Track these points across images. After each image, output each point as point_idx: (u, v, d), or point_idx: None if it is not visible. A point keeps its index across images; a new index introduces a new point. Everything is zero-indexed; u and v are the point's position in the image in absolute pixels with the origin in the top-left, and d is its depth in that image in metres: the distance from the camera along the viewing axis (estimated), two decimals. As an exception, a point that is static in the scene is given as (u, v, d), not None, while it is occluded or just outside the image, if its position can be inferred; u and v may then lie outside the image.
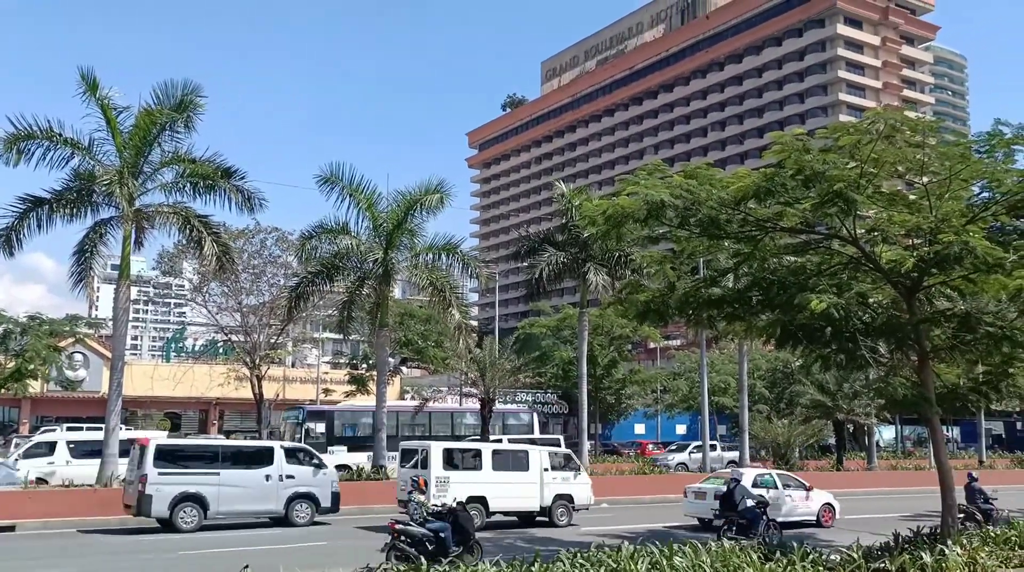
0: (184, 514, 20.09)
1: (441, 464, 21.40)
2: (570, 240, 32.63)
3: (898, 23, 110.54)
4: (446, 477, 21.18)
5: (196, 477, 20.52)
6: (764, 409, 47.46)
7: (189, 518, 20.14)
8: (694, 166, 15.58)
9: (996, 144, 14.48)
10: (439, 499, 19.04)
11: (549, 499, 22.69)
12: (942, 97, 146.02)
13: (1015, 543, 14.04)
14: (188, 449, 22.86)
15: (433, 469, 21.12)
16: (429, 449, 21.65)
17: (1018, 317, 14.94)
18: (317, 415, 34.20)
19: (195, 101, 24.63)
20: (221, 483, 20.68)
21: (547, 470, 23.11)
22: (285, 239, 42.32)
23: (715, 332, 19.60)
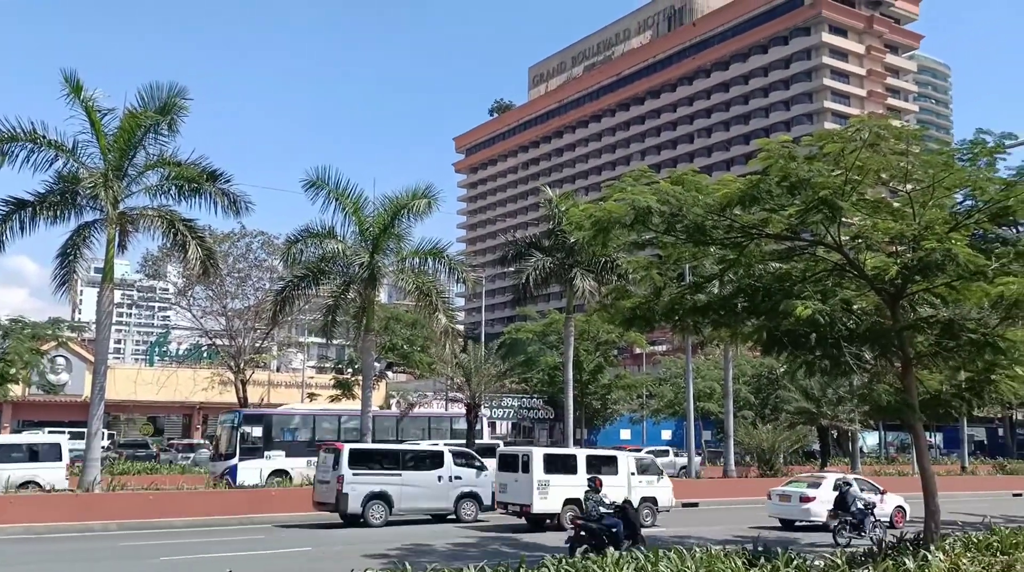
0: (374, 511, 22.95)
1: (542, 469, 22.79)
2: (557, 245, 32.65)
3: (882, 32, 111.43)
4: (547, 480, 22.73)
5: (382, 478, 23.36)
6: (749, 415, 47.60)
7: (378, 514, 22.99)
8: (680, 172, 15.62)
9: (979, 153, 14.59)
10: (541, 501, 22.28)
11: (636, 501, 23.21)
12: (926, 106, 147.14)
13: (997, 549, 14.12)
14: (375, 453, 25.13)
15: (535, 473, 22.61)
16: (531, 455, 23.18)
17: (1000, 324, 15.04)
18: (254, 419, 33.14)
19: (180, 103, 24.50)
20: (403, 483, 23.57)
21: (633, 474, 24.59)
22: (271, 243, 42.24)
23: (701, 338, 19.66)
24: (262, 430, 32.82)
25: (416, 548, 18.12)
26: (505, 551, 17.74)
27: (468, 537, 20.83)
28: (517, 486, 23.09)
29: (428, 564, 13.35)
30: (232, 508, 24.01)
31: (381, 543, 18.60)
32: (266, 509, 24.35)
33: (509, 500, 23.39)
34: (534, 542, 19.93)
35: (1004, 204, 14.46)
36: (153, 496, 24.07)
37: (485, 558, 14.00)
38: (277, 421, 34.39)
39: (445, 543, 19.00)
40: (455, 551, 17.86)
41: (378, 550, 17.40)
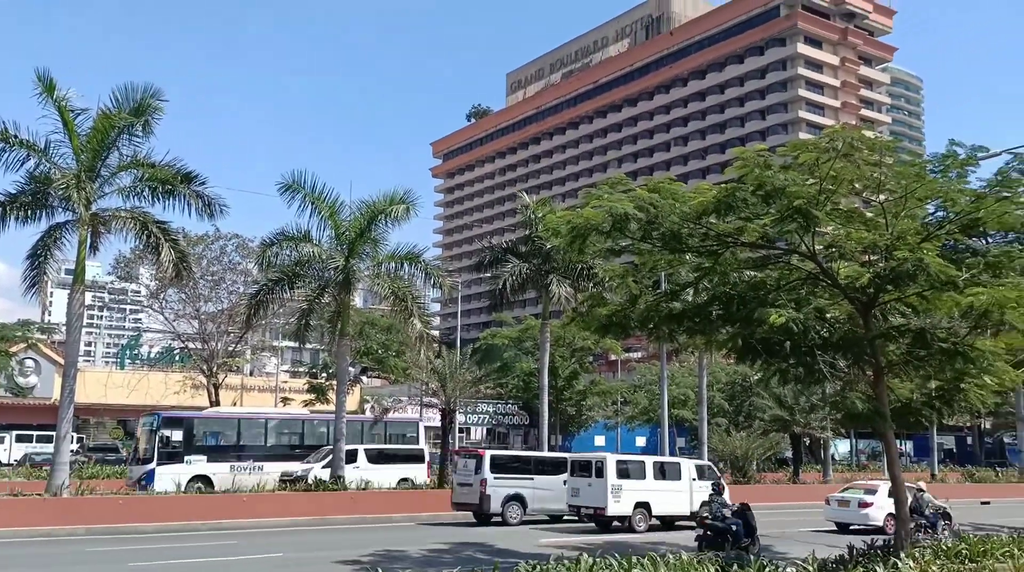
0: (512, 511, 25.48)
1: (615, 474, 24.32)
2: (533, 251, 32.68)
3: (857, 44, 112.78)
4: (619, 485, 24.31)
5: (518, 481, 25.77)
6: (723, 422, 47.83)
7: (515, 513, 25.46)
8: (657, 180, 15.69)
9: (950, 164, 14.79)
10: (614, 504, 23.95)
11: (697, 505, 24.24)
12: (898, 117, 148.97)
13: (966, 556, 14.28)
14: (511, 458, 27.63)
15: (609, 478, 24.13)
16: (605, 461, 24.67)
17: (969, 334, 15.23)
18: (174, 422, 31.89)
19: (154, 104, 24.27)
20: (534, 486, 25.96)
21: (694, 479, 26.11)
22: (245, 246, 41.95)
23: (676, 345, 19.75)
24: (182, 434, 31.79)
25: (389, 554, 18.03)
26: (480, 557, 17.70)
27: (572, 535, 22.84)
28: (590, 490, 24.56)
29: (401, 569, 13.31)
30: (203, 513, 23.77)
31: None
32: (239, 514, 24.11)
33: (582, 503, 24.81)
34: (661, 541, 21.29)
35: (975, 215, 14.67)
36: (123, 501, 23.78)
37: (458, 564, 13.96)
38: (199, 424, 33.24)
39: (419, 549, 18.94)
40: (429, 557, 17.80)
41: (352, 556, 17.30)
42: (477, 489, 25.57)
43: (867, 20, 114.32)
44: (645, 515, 24.65)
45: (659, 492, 25.28)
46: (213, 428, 33.86)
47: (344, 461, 29.31)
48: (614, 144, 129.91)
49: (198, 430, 32.87)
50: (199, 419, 33.82)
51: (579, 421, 55.87)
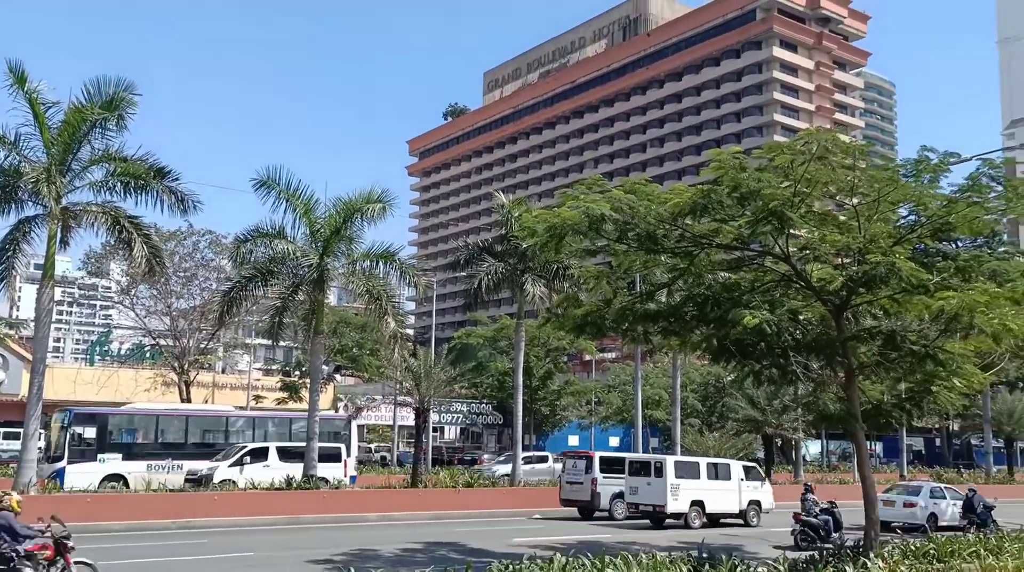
0: (618, 507, 27.67)
1: (674, 474, 26.03)
2: (509, 251, 32.68)
3: (831, 48, 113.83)
4: (677, 484, 26.07)
5: (697, 484, 26.78)
6: (696, 423, 48.08)
7: (621, 510, 27.66)
8: (633, 181, 15.75)
9: (923, 169, 14.97)
10: (673, 502, 25.83)
11: (744, 503, 27.65)
12: (871, 122, 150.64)
13: (934, 556, 14.45)
14: (616, 459, 29.26)
15: (668, 478, 25.91)
16: (664, 462, 26.59)
17: (939, 337, 15.42)
18: (86, 418, 30.60)
19: (128, 98, 23.95)
20: (709, 490, 27.04)
21: (743, 480, 27.99)
22: (219, 242, 41.62)
23: (651, 346, 19.85)
24: (96, 431, 30.68)
25: (362, 553, 17.95)
26: (453, 557, 17.67)
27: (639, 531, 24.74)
28: (650, 489, 26.39)
29: (373, 569, 13.25)
30: (174, 511, 23.55)
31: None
32: (210, 513, 23.90)
33: (641, 501, 26.72)
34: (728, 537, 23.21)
35: (946, 220, 14.86)
36: (91, 498, 23.49)
37: (432, 563, 13.92)
38: (114, 421, 31.97)
39: (392, 548, 18.88)
40: (402, 556, 17.74)
41: (324, 555, 17.20)
42: (588, 487, 27.92)
43: (842, 25, 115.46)
44: (700, 512, 26.52)
45: (712, 491, 27.06)
46: (129, 425, 32.52)
47: (317, 460, 29.11)
48: (590, 144, 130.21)
49: (113, 427, 31.61)
50: (113, 416, 32.46)
51: (553, 421, 55.97)
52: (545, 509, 29.60)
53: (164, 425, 33.36)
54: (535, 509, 29.51)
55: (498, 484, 32.66)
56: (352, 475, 32.40)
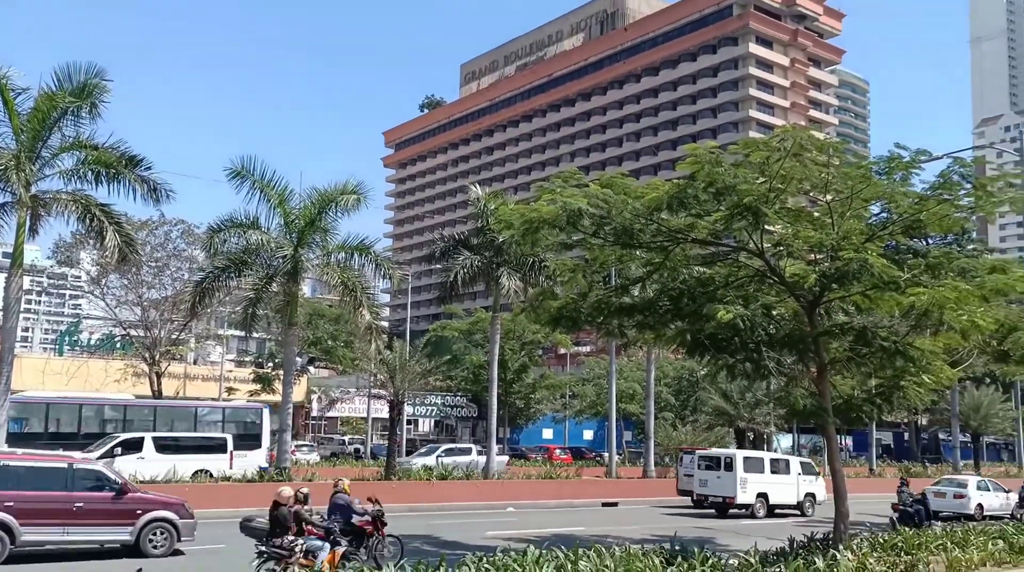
0: (760, 505, 28.93)
1: (743, 469, 28.38)
2: (484, 244, 32.61)
3: (806, 45, 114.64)
4: (746, 478, 28.37)
5: (761, 477, 29.08)
6: (669, 416, 48.34)
7: (762, 508, 28.86)
8: (610, 175, 15.79)
9: (895, 167, 15.11)
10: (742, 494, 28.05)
11: (801, 495, 30.33)
12: (845, 119, 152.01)
13: (902, 549, 14.65)
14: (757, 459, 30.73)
15: (738, 472, 28.24)
16: (734, 457, 28.96)
17: (909, 333, 15.61)
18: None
19: (100, 85, 23.58)
20: (772, 483, 29.37)
21: (800, 474, 30.60)
22: (191, 232, 41.13)
23: (625, 340, 19.93)
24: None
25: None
26: (427, 549, 17.65)
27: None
28: (719, 482, 28.74)
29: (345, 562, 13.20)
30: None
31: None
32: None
33: (710, 493, 29.05)
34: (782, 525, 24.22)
35: (917, 217, 15.02)
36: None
37: (406, 556, 13.90)
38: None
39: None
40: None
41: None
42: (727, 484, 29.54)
43: (817, 22, 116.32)
44: (764, 503, 29.00)
45: (774, 484, 29.53)
46: (20, 414, 30.27)
47: (289, 452, 28.95)
48: (567, 138, 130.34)
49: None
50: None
51: (527, 414, 56.05)
52: (520, 502, 29.67)
53: (55, 414, 31.65)
54: (509, 502, 29.56)
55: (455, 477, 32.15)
56: (264, 466, 29.88)
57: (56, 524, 15.61)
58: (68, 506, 15.72)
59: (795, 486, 30.39)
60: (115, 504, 16.27)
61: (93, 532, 16.14)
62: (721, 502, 28.69)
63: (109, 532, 16.23)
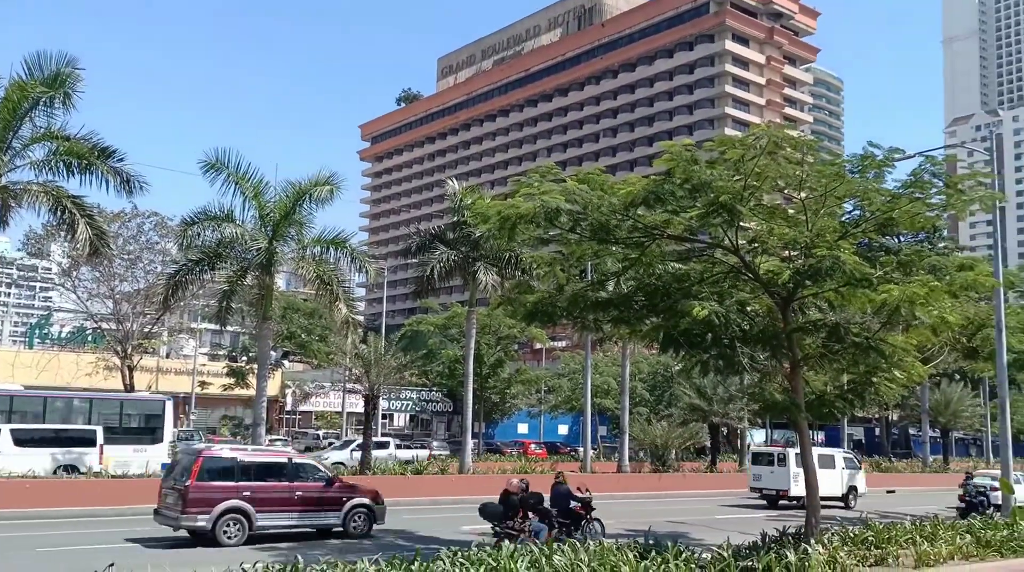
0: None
1: (795, 465, 29.44)
2: (461, 238, 32.55)
3: (782, 43, 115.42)
4: (798, 472, 28.87)
5: None
6: (644, 411, 48.55)
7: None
8: (587, 171, 15.80)
9: (868, 165, 15.27)
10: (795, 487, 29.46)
11: (845, 488, 32.09)
12: (820, 117, 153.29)
13: (872, 543, 14.83)
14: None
15: (791, 466, 29.87)
16: (787, 453, 30.54)
17: (881, 329, 15.79)
18: None
19: (73, 74, 23.26)
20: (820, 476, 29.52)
21: (844, 468, 32.33)
22: (164, 224, 40.77)
23: (601, 335, 20.00)
24: None
25: (307, 541, 17.83)
26: (401, 544, 17.64)
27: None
28: (773, 476, 30.79)
29: (320, 556, 13.16)
30: (117, 498, 23.10)
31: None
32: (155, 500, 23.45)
33: (764, 486, 31.13)
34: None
35: (889, 215, 15.20)
36: (30, 484, 22.94)
37: (379, 551, 13.88)
38: None
39: (339, 538, 18.78)
40: (348, 544, 17.66)
41: (269, 543, 17.05)
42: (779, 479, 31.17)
43: (792, 20, 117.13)
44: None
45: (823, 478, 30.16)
46: None
47: (262, 444, 28.79)
48: (544, 133, 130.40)
49: None
50: None
51: (503, 409, 56.11)
52: (495, 496, 29.66)
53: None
54: (484, 497, 29.54)
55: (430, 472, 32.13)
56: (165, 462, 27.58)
57: (282, 511, 18.01)
58: (291, 495, 18.20)
59: (840, 479, 32.04)
60: (326, 493, 18.80)
61: (310, 517, 18.58)
62: (774, 494, 30.73)
63: (323, 517, 18.73)
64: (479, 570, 10.87)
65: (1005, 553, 15.79)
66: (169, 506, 17.44)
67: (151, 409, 32.32)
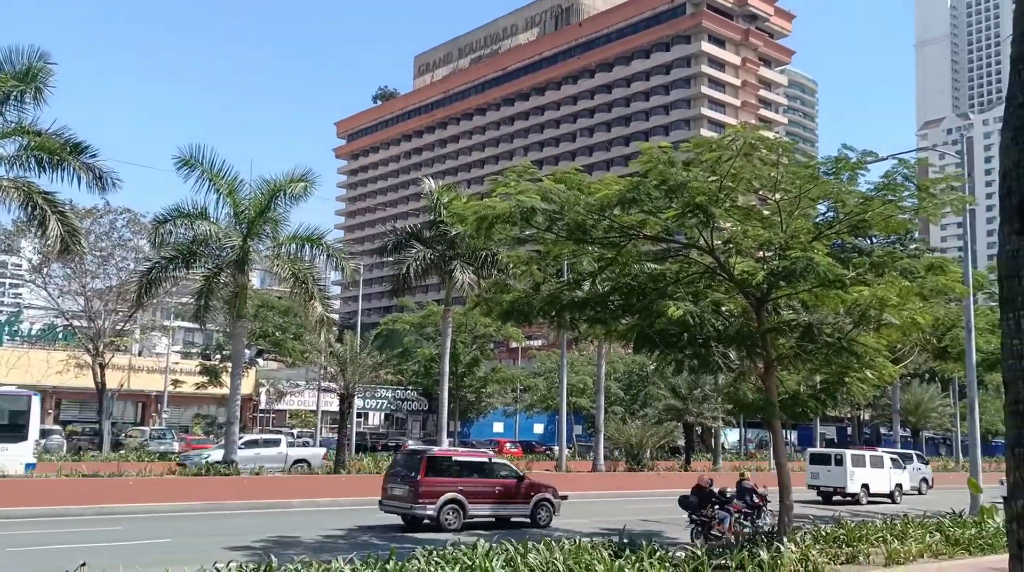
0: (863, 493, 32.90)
1: (851, 464, 32.90)
2: (438, 237, 32.53)
3: (757, 45, 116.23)
4: (853, 471, 32.83)
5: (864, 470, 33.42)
6: (619, 411, 48.71)
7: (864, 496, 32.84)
8: (563, 170, 15.87)
9: (842, 167, 15.45)
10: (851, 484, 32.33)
11: (893, 485, 34.64)
12: (794, 118, 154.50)
13: (843, 541, 15.01)
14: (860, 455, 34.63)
15: (847, 466, 32.78)
16: (844, 454, 33.63)
17: (853, 329, 15.97)
18: None
19: (45, 68, 22.98)
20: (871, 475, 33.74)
21: (891, 468, 34.90)
22: (137, 221, 40.40)
23: (577, 334, 20.09)
24: None
25: (281, 540, 17.74)
26: (375, 543, 17.60)
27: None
28: (830, 474, 33.10)
29: (294, 555, 13.10)
30: (85, 497, 22.85)
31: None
32: (124, 499, 23.25)
33: (821, 483, 33.24)
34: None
35: (862, 217, 15.37)
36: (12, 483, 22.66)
37: (354, 550, 13.84)
38: None
39: (314, 535, 18.72)
40: (324, 543, 17.59)
41: (243, 542, 16.95)
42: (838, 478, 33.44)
43: (768, 23, 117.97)
44: (866, 492, 33.04)
45: (874, 476, 33.94)
46: None
47: (237, 444, 28.63)
48: (521, 132, 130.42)
49: None
50: None
51: (478, 408, 56.06)
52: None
53: None
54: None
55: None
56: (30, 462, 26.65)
57: (486, 502, 21.19)
58: (492, 489, 21.41)
59: (888, 477, 34.61)
60: (518, 488, 21.84)
61: (506, 508, 21.55)
62: (831, 491, 32.95)
63: (515, 508, 21.68)
64: (454, 569, 10.88)
65: (973, 551, 16.05)
66: (398, 497, 20.62)
67: (15, 405, 28.82)
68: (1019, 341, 4.93)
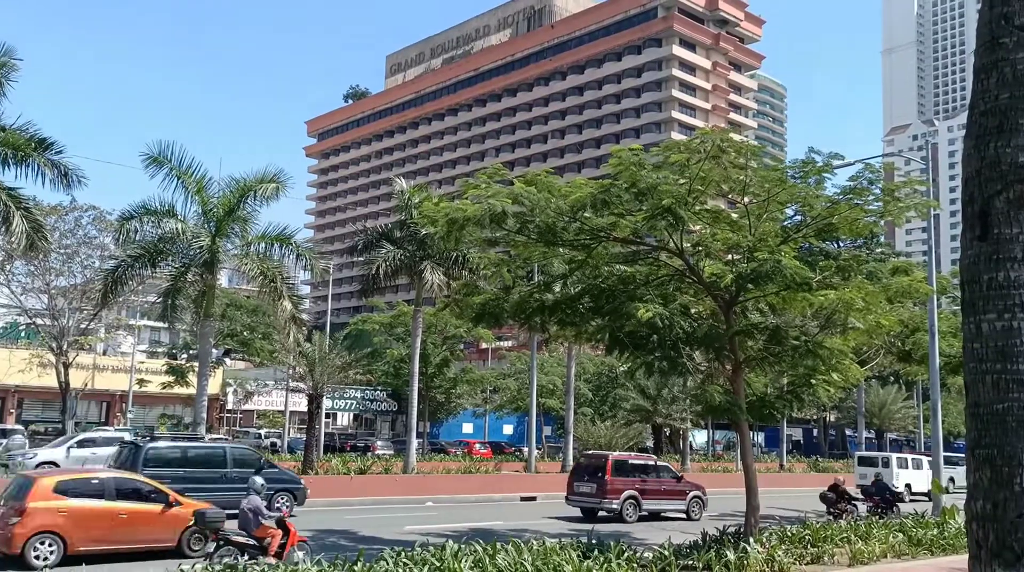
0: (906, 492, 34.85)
1: (896, 466, 36.71)
2: (408, 237, 32.43)
3: (728, 49, 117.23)
4: (899, 472, 36.28)
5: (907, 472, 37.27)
6: (588, 412, 48.86)
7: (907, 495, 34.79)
8: (534, 173, 15.88)
9: (810, 171, 15.63)
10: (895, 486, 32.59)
11: (902, 486, 35.96)
12: (764, 122, 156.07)
13: (808, 541, 15.17)
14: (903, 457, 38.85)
15: (893, 468, 36.11)
16: (890, 457, 37.81)
17: (820, 332, 16.16)
18: None
19: (8, 63, 22.62)
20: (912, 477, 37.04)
21: (917, 469, 37.67)
22: (103, 218, 39.83)
23: (547, 336, 20.11)
24: None
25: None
26: (344, 544, 17.50)
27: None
28: None
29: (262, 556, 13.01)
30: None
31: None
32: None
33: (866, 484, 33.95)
34: None
35: (829, 221, 15.56)
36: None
37: (322, 551, 13.76)
38: None
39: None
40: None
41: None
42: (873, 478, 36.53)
43: (738, 27, 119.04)
44: (909, 490, 35.64)
45: (915, 477, 37.05)
46: None
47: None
48: (492, 133, 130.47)
49: None
50: None
51: (448, 408, 55.98)
52: (440, 496, 29.65)
53: None
54: (429, 496, 29.53)
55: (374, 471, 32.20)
56: None
57: (655, 498, 25.12)
58: (659, 487, 25.35)
59: (926, 478, 36.49)
60: (676, 487, 25.87)
61: (668, 504, 25.60)
62: None
63: (675, 503, 25.68)
64: (423, 570, 10.84)
65: (935, 551, 16.31)
66: (586, 493, 24.36)
67: None
68: (980, 345, 5.02)
